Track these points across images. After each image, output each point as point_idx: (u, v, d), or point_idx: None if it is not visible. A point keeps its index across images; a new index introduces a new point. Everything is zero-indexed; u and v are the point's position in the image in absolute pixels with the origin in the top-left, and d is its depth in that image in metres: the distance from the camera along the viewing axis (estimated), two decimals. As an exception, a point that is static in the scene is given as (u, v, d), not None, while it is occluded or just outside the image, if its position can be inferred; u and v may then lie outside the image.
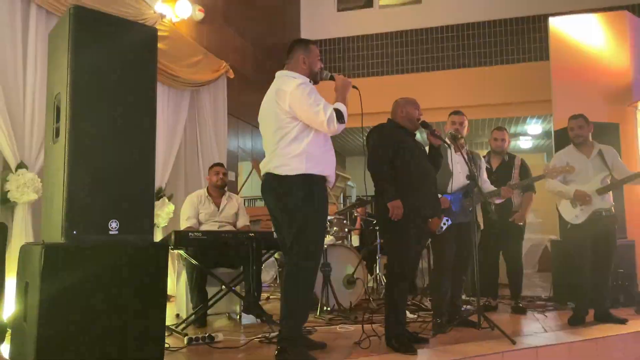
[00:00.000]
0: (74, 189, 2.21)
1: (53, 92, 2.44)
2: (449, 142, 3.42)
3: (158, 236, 4.74)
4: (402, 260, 2.93)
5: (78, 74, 2.25)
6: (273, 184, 2.62)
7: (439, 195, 3.36)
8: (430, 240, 3.55)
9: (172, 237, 3.26)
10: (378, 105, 3.73)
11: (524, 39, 8.24)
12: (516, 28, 8.31)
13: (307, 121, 2.58)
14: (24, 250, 2.47)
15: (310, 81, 2.73)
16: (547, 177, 3.70)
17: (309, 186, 2.56)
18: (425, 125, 3.17)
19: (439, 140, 3.22)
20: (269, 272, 5.88)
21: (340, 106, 2.61)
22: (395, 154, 2.99)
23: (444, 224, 3.32)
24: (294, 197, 2.55)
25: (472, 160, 3.64)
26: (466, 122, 3.73)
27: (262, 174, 2.75)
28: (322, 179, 2.65)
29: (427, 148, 3.28)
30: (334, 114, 2.55)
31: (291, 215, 2.57)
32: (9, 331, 2.57)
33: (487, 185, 3.71)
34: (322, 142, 2.66)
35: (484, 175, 3.78)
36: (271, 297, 5.12)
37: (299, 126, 2.60)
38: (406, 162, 3.00)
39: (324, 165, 2.65)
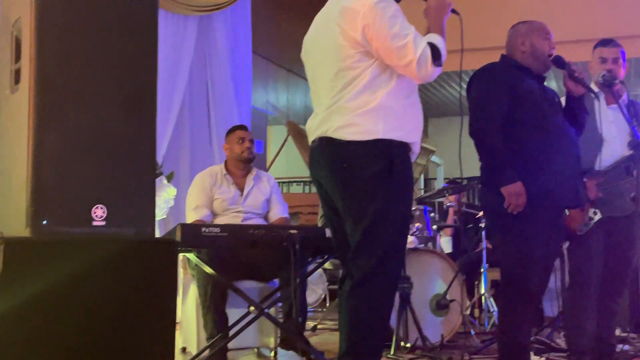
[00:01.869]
0: (44, 161, 2.29)
1: (9, 17, 2.54)
2: (596, 90, 3.38)
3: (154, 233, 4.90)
4: (525, 274, 2.94)
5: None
6: (330, 154, 2.65)
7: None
8: (567, 244, 3.53)
9: (178, 233, 3.36)
10: (484, 38, 3.70)
11: None
12: None
13: (388, 59, 2.57)
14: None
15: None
16: None
17: (388, 158, 2.58)
18: (560, 63, 3.15)
19: (581, 87, 3.18)
20: (315, 290, 5.97)
21: (436, 39, 2.60)
22: (513, 109, 2.99)
23: (591, 218, 3.29)
24: (364, 174, 2.57)
25: (635, 117, 3.56)
26: (621, 61, 3.63)
27: (310, 140, 2.79)
28: (405, 148, 2.66)
29: (563, 100, 3.25)
30: (429, 51, 2.53)
31: (359, 203, 2.59)
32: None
33: None
34: (405, 93, 2.66)
35: None
36: (319, 326, 5.20)
37: (373, 67, 2.59)
38: (531, 122, 3.00)
39: (409, 127, 2.66)
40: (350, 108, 2.59)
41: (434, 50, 2.55)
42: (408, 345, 4.04)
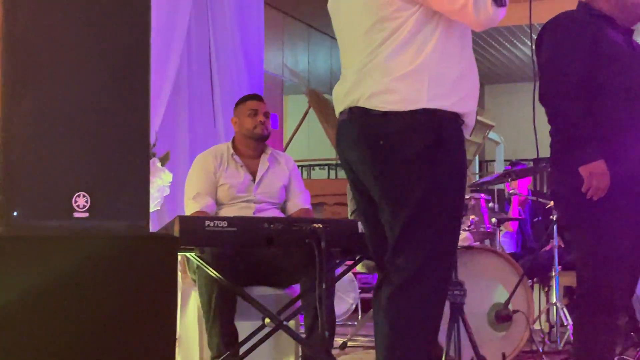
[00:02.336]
0: (13, 139, 2.35)
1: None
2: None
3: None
4: (607, 278, 2.95)
5: None
6: (363, 129, 2.66)
7: None
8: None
9: (176, 228, 3.41)
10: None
11: None
12: None
13: (436, 4, 2.55)
14: None
15: None
16: None
17: (436, 132, 2.59)
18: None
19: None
20: (345, 299, 6.01)
21: None
22: (595, 69, 3.00)
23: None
24: (405, 153, 2.59)
25: None
26: None
27: (337, 111, 2.81)
28: (456, 120, 2.67)
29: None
30: None
31: (399, 189, 2.61)
32: None
33: None
34: (457, 51, 2.67)
35: None
36: (350, 343, 5.24)
37: (418, 15, 2.58)
38: (617, 86, 3.02)
39: (462, 93, 2.66)
40: (388, 69, 2.59)
41: None
42: (460, 365, 4.06)
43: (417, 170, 2.59)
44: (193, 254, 3.66)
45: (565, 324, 5.01)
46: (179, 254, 3.70)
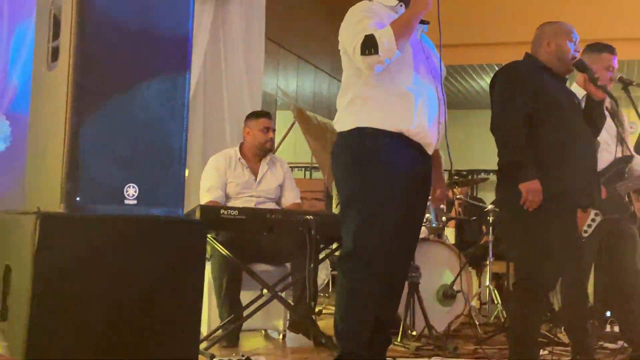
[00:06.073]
0: (81, 137, 2.34)
1: (48, -2, 2.56)
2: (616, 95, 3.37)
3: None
4: (538, 269, 2.95)
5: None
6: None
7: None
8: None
9: (198, 214, 3.39)
10: (510, 32, 3.70)
11: None
12: None
13: (351, 57, 2.68)
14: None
15: (400, 4, 2.76)
16: None
17: (359, 146, 2.68)
18: (581, 67, 3.14)
19: (602, 92, 3.16)
20: (319, 275, 6.00)
21: (383, 30, 2.56)
22: (535, 107, 2.98)
23: (594, 220, 3.35)
24: (340, 161, 2.74)
25: (616, 119, 3.61)
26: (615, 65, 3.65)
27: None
28: (380, 136, 2.65)
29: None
30: (360, 42, 2.54)
31: (338, 188, 2.79)
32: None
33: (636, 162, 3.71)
34: (386, 84, 2.67)
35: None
36: (324, 311, 5.29)
37: (353, 66, 2.72)
38: (551, 123, 3.00)
39: (388, 115, 2.67)
40: (339, 104, 2.78)
41: (367, 40, 2.53)
42: (414, 333, 4.08)
43: (345, 175, 2.71)
44: (210, 236, 3.65)
45: (495, 302, 5.06)
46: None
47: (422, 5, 2.62)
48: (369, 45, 2.53)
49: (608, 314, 4.48)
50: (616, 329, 4.15)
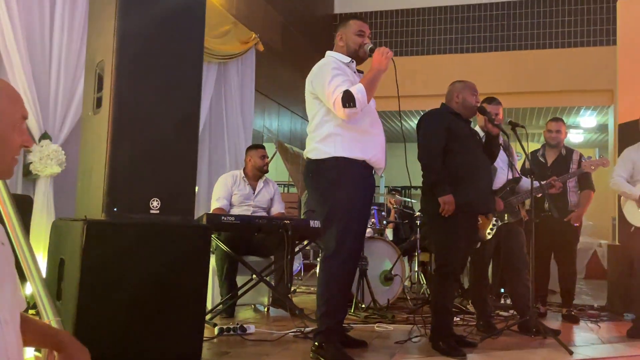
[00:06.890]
0: (117, 163, 2.30)
1: (94, 59, 2.53)
2: (507, 132, 3.41)
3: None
4: (452, 259, 2.99)
5: (125, 40, 2.32)
6: (306, 169, 2.74)
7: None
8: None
9: (204, 220, 3.36)
10: (428, 86, 3.75)
11: (588, 21, 8.11)
12: (580, 8, 8.17)
13: (325, 103, 2.62)
14: (57, 226, 2.59)
15: (351, 61, 2.75)
16: (584, 169, 3.87)
17: (337, 170, 2.62)
18: (483, 111, 3.20)
19: (497, 129, 3.21)
20: (294, 264, 5.98)
21: (357, 87, 2.56)
22: (449, 142, 3.02)
23: (494, 225, 3.38)
24: (320, 183, 2.65)
25: (507, 150, 3.64)
26: (501, 112, 3.72)
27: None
28: (351, 164, 2.64)
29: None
30: (340, 97, 2.52)
31: (318, 205, 2.68)
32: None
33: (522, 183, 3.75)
34: (355, 125, 2.65)
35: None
36: (298, 290, 5.25)
37: (324, 108, 2.66)
38: (460, 153, 3.03)
39: (358, 148, 2.65)
40: (313, 137, 2.71)
41: (346, 96, 2.52)
42: (363, 305, 4.09)
43: (324, 195, 2.66)
44: (213, 236, 3.62)
45: (421, 282, 5.08)
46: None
47: (384, 68, 2.63)
48: (348, 100, 2.52)
49: (502, 290, 4.56)
50: (508, 301, 4.21)
